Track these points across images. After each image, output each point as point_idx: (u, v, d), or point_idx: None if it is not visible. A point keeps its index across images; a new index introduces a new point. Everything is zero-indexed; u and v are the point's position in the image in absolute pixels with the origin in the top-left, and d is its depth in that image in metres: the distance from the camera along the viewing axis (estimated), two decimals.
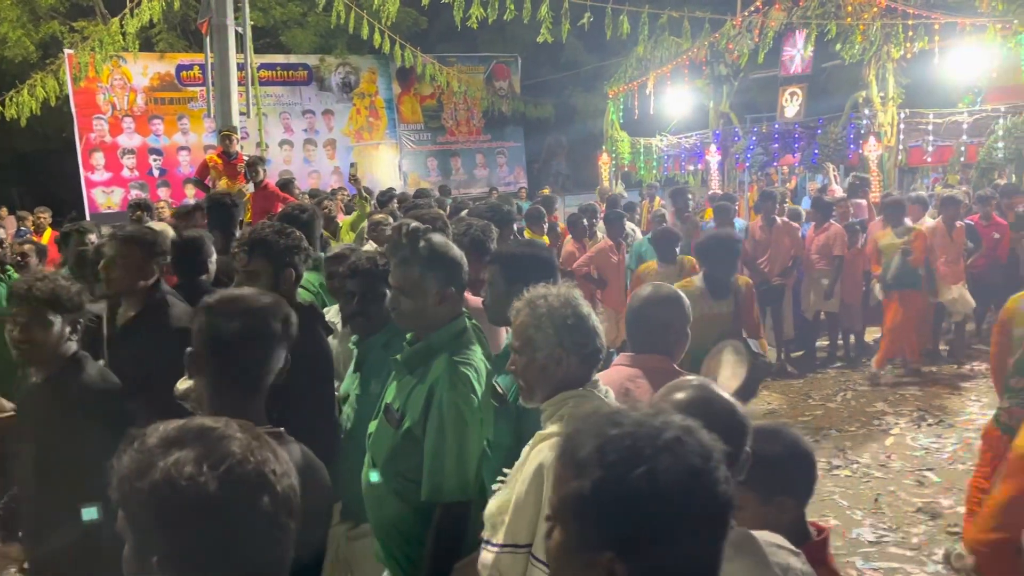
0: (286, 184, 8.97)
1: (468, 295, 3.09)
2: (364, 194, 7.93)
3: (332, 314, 3.61)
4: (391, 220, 5.61)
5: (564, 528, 1.18)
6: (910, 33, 10.73)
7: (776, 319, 8.59)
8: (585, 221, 8.23)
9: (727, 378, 4.45)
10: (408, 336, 2.62)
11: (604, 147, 16.19)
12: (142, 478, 1.09)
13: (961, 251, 8.36)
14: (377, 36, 12.80)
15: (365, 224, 6.43)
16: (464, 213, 5.93)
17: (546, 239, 7.29)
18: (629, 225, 8.63)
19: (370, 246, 5.36)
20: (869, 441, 6.40)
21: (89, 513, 2.14)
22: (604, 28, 11.08)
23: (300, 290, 3.92)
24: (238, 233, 4.69)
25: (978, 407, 6.98)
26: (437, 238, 2.57)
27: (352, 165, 8.29)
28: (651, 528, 1.09)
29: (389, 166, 19.97)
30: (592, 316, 2.16)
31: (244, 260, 2.97)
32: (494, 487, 2.19)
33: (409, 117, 20.28)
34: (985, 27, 10.15)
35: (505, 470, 2.18)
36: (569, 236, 8.28)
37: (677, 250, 6.75)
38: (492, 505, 2.12)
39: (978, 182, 10.69)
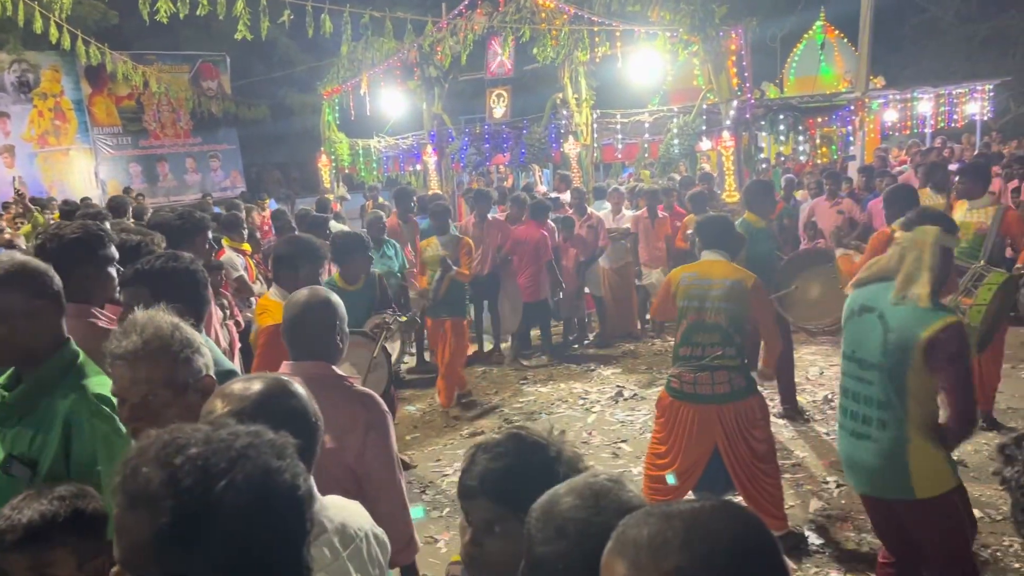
0: None
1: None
2: (31, 206, 7.04)
3: None
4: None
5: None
6: (596, 39, 11.62)
7: (493, 312, 8.92)
8: (294, 224, 8.01)
9: None
10: (2, 380, 2.21)
11: (323, 149, 15.85)
12: None
13: (662, 238, 9.22)
14: (54, 30, 11.40)
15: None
16: (148, 220, 5.39)
17: (247, 246, 6.94)
18: (338, 226, 8.54)
19: None
20: (575, 421, 6.81)
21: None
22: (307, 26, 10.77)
23: None
24: None
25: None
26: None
27: (15, 179, 7.36)
28: (246, 537, 1.06)
29: (84, 173, 18.09)
30: (199, 344, 2.02)
31: None
32: None
33: (104, 120, 18.48)
34: (657, 35, 11.24)
35: None
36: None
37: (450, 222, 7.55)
38: None
39: (660, 175, 11.85)
